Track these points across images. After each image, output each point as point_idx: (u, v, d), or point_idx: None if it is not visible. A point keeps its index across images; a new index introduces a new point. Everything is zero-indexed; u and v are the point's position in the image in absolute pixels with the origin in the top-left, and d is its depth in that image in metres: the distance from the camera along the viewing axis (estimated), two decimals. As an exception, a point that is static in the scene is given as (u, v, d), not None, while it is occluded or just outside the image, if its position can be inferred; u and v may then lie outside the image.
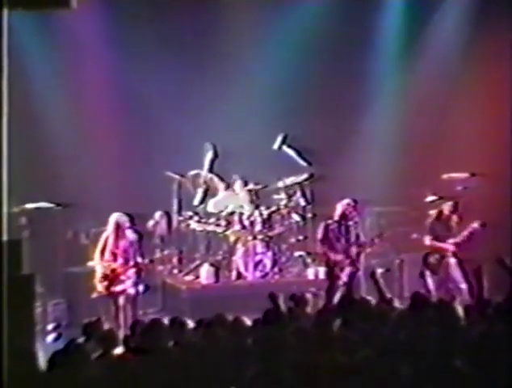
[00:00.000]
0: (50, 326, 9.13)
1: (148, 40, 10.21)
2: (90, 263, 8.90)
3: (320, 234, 9.28)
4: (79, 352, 4.85)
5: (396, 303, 7.34)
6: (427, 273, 9.35)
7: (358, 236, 9.35)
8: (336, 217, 9.29)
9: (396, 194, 10.60)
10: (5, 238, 5.50)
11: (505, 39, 10.62)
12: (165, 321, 6.05)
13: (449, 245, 9.35)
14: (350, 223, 9.29)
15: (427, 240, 9.43)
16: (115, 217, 8.81)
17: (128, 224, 8.80)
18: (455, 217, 9.47)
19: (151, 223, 10.37)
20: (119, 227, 8.75)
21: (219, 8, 10.35)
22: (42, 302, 8.89)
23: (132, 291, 8.66)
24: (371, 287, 9.44)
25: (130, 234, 8.78)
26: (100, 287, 8.63)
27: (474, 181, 10.43)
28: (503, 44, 10.65)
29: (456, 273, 9.30)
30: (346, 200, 9.34)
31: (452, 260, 9.34)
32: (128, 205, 9.46)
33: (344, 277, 9.16)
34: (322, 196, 10.59)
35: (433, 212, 9.68)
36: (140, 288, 8.70)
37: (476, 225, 9.32)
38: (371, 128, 10.87)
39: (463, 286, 9.27)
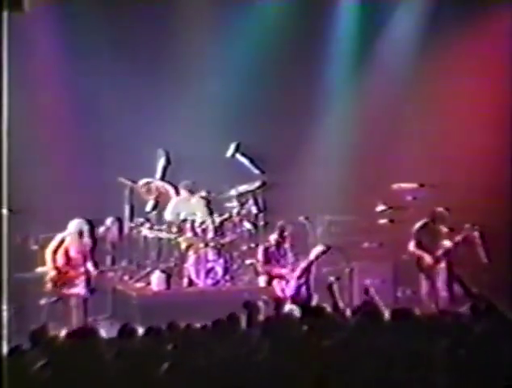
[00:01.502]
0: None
1: (102, 46, 10.16)
2: (40, 269, 8.82)
3: (261, 257, 9.58)
4: (24, 359, 4.79)
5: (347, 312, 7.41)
6: (421, 277, 9.39)
7: (295, 256, 9.65)
8: (273, 241, 9.65)
9: (347, 203, 10.71)
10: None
11: (457, 45, 10.80)
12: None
13: (427, 256, 9.37)
14: (286, 246, 9.62)
15: (411, 246, 9.46)
16: (78, 223, 8.79)
17: (87, 232, 8.79)
18: (442, 227, 9.50)
19: (102, 229, 10.29)
20: (81, 234, 8.73)
21: (172, 14, 10.36)
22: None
23: (83, 292, 8.61)
24: (322, 297, 9.49)
25: (87, 241, 8.75)
26: (51, 287, 8.55)
27: (423, 191, 10.61)
28: (455, 50, 10.83)
29: (441, 279, 9.34)
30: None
31: (442, 266, 9.36)
32: (78, 211, 9.39)
33: (289, 291, 9.31)
34: (274, 204, 10.65)
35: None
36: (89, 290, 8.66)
37: (468, 231, 9.35)
38: (324, 138, 10.97)
39: (445, 294, 9.33)
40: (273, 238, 9.98)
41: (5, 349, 5.25)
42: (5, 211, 5.12)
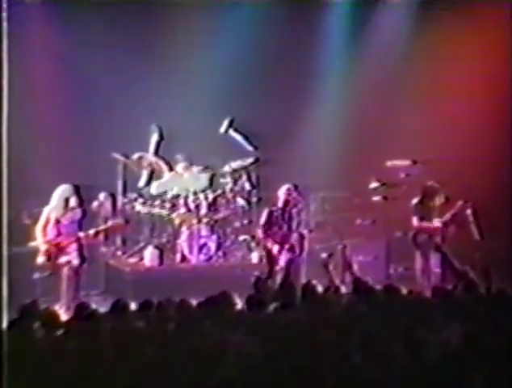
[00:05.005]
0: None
1: (95, 22, 10.09)
2: (32, 243, 8.79)
3: (263, 220, 9.30)
4: (20, 332, 4.80)
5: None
6: (416, 253, 9.41)
7: (300, 222, 9.38)
8: (280, 204, 9.30)
9: (341, 180, 10.72)
10: None
11: (445, 33, 10.81)
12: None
13: (437, 224, 9.35)
14: (294, 209, 9.31)
15: (415, 221, 9.47)
16: (63, 190, 8.70)
17: (74, 198, 8.72)
18: (437, 199, 9.48)
19: (95, 204, 10.28)
20: (67, 200, 8.67)
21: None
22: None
23: (76, 262, 8.58)
24: (311, 272, 9.49)
25: (75, 207, 8.68)
26: (44, 261, 8.53)
27: (416, 169, 10.64)
28: (442, 37, 10.85)
29: (435, 256, 9.35)
30: (286, 186, 9.34)
31: (438, 240, 9.37)
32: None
33: (282, 263, 9.21)
34: (268, 181, 10.65)
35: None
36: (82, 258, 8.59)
37: (460, 204, 9.34)
38: (317, 114, 10.95)
39: (438, 270, 9.34)
40: (281, 200, 9.31)
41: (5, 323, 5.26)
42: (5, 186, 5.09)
